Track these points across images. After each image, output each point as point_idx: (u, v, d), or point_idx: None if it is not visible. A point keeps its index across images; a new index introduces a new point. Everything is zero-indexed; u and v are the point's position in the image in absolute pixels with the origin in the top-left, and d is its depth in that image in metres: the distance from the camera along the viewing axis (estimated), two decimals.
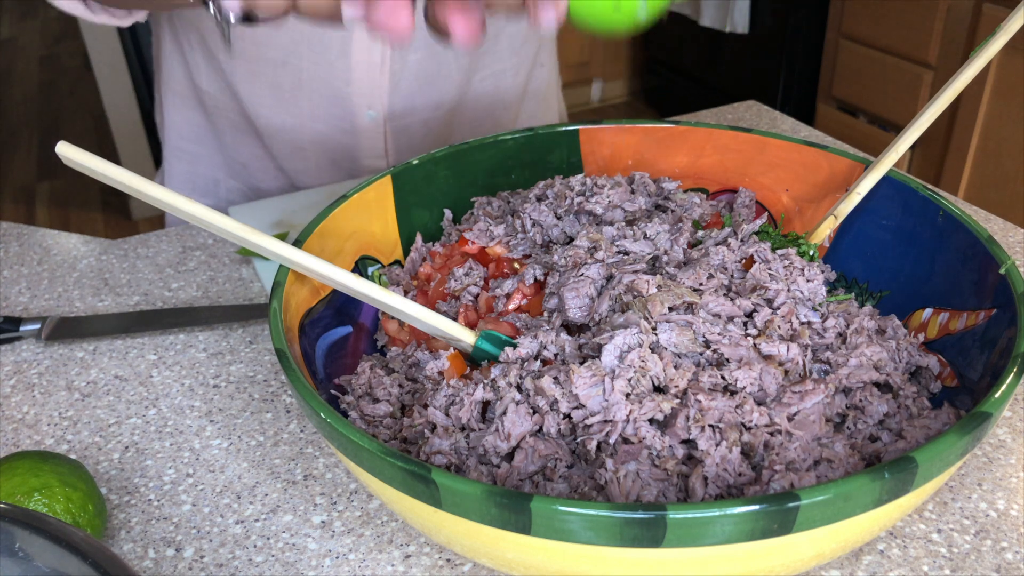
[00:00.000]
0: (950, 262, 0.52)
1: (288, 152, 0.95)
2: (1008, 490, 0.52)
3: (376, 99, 0.89)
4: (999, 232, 0.77)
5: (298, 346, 0.47)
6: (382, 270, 0.59)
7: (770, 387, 0.44)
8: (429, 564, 0.48)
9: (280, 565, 0.49)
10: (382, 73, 0.88)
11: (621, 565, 0.36)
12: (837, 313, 0.50)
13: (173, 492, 0.54)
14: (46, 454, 0.48)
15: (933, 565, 0.47)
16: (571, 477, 0.42)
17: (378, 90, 0.89)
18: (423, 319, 0.49)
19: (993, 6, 1.83)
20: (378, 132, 0.94)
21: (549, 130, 0.65)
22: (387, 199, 0.60)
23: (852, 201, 0.56)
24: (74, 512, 0.46)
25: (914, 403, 0.47)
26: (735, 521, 0.33)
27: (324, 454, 0.56)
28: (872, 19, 2.14)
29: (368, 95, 0.89)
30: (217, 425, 0.59)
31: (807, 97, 2.52)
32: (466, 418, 0.45)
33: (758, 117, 1.03)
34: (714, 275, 0.49)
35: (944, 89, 0.55)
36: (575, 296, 0.49)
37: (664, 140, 0.65)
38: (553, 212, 0.58)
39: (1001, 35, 0.55)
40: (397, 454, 0.37)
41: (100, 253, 0.80)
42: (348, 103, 0.90)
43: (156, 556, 0.49)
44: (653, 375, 0.43)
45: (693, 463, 0.41)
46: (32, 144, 3.27)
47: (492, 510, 0.35)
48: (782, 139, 0.62)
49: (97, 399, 0.62)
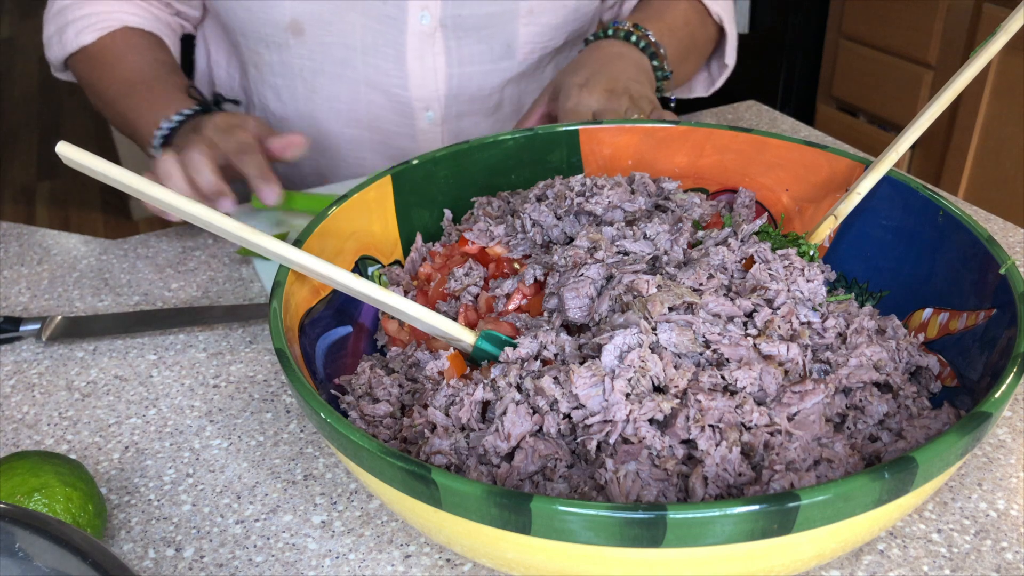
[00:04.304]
0: (950, 262, 0.52)
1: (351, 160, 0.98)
2: (1008, 490, 0.52)
3: (434, 101, 0.94)
4: (999, 232, 0.77)
5: (298, 346, 0.47)
6: (382, 270, 0.59)
7: (770, 387, 0.44)
8: (429, 564, 0.48)
9: (280, 565, 0.49)
10: (437, 79, 0.92)
11: (621, 565, 0.36)
12: (837, 313, 0.50)
13: (173, 492, 0.54)
14: (46, 454, 0.48)
15: (933, 565, 0.47)
16: (571, 477, 0.42)
17: (435, 93, 0.93)
18: (423, 319, 0.49)
19: (993, 6, 1.83)
20: (436, 132, 0.97)
21: (549, 130, 0.65)
22: (387, 199, 0.60)
23: (852, 201, 0.56)
24: (74, 512, 0.46)
25: (914, 403, 0.47)
26: (735, 521, 0.33)
27: (324, 454, 0.56)
28: (872, 19, 2.14)
29: (426, 98, 0.93)
30: (217, 425, 0.59)
31: (807, 97, 2.52)
32: (466, 418, 0.45)
33: (758, 117, 1.03)
34: (714, 275, 0.49)
35: (944, 89, 0.55)
36: (575, 296, 0.49)
37: (664, 140, 0.65)
38: (553, 212, 0.57)
39: (1001, 35, 0.55)
40: (397, 454, 0.37)
41: (100, 253, 0.80)
42: (407, 106, 0.94)
43: (156, 556, 0.49)
44: (653, 375, 0.43)
45: (693, 463, 0.41)
46: (32, 144, 3.27)
47: (492, 510, 0.35)
48: (782, 139, 0.62)
49: (97, 399, 0.62)
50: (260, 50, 0.94)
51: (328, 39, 0.90)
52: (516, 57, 0.95)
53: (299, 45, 0.91)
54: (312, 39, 0.90)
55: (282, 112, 0.98)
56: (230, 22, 0.93)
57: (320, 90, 0.94)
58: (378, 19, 0.89)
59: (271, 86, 0.96)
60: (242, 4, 0.89)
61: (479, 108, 0.98)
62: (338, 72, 0.92)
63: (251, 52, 0.95)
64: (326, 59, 0.92)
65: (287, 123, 0.99)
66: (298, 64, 0.93)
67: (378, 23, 0.89)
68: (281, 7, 0.88)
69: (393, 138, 0.97)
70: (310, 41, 0.90)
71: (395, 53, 0.90)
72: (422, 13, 0.89)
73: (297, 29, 0.90)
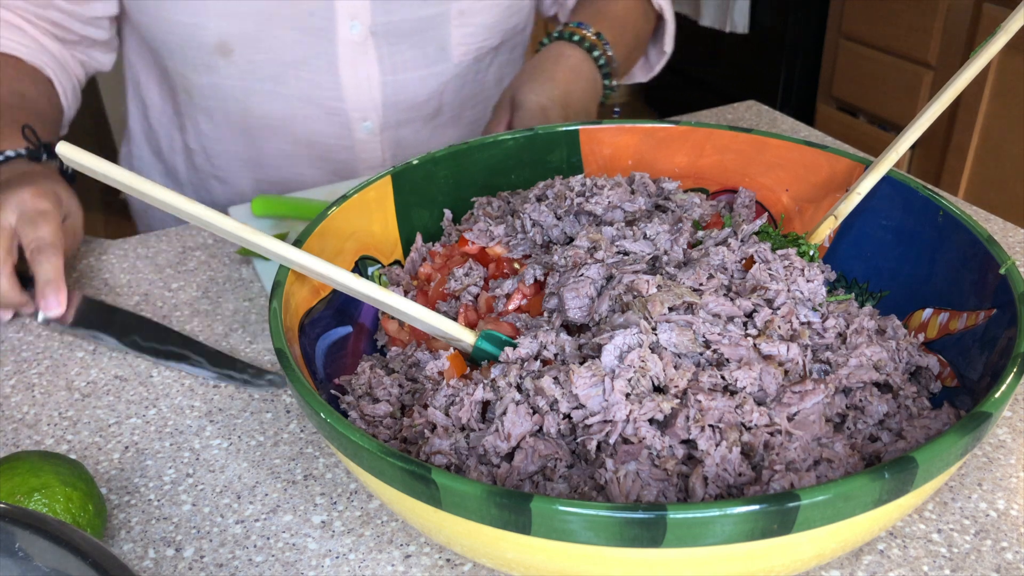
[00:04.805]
0: (950, 262, 0.52)
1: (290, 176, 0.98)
2: (1008, 490, 0.52)
3: (371, 111, 0.92)
4: (999, 232, 0.77)
5: (298, 346, 0.47)
6: (382, 270, 0.59)
7: (770, 387, 0.44)
8: (429, 564, 0.48)
9: (280, 565, 0.49)
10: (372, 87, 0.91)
11: (621, 565, 0.36)
12: (837, 313, 0.50)
13: (173, 492, 0.54)
14: (46, 454, 0.48)
15: (933, 565, 0.47)
16: (571, 477, 0.42)
17: (371, 102, 0.91)
18: (423, 319, 0.49)
19: (993, 6, 1.83)
20: (375, 142, 0.96)
21: (549, 130, 0.65)
22: (387, 199, 0.60)
23: (852, 201, 0.56)
24: (74, 512, 0.46)
25: (914, 403, 0.47)
26: (735, 521, 0.33)
27: (324, 454, 0.56)
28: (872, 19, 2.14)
29: (362, 108, 0.92)
30: (217, 425, 0.59)
31: (807, 97, 2.52)
32: (466, 418, 0.45)
33: (758, 117, 1.03)
34: (714, 275, 0.49)
35: (944, 89, 0.55)
36: (575, 296, 0.49)
37: (664, 140, 0.65)
38: (553, 212, 0.58)
39: (1001, 35, 0.55)
40: (397, 454, 0.37)
41: (100, 253, 0.80)
42: (344, 118, 0.92)
43: (156, 556, 0.49)
44: (653, 375, 0.43)
45: (693, 463, 0.41)
46: None
47: (492, 510, 0.35)
48: (782, 139, 0.62)
49: (97, 399, 0.62)
50: (189, 74, 0.92)
51: (258, 57, 0.88)
52: (451, 60, 0.94)
53: (229, 66, 0.89)
54: (241, 58, 0.88)
55: (216, 135, 0.96)
56: (158, 48, 0.91)
57: (254, 109, 0.92)
58: (307, 31, 0.87)
59: (203, 110, 0.94)
60: (167, 29, 0.87)
61: (418, 115, 0.96)
62: (271, 89, 0.91)
63: (180, 77, 0.93)
64: (257, 77, 0.90)
65: (221, 144, 0.97)
66: (229, 85, 0.91)
67: (307, 36, 0.87)
68: (206, 29, 0.86)
69: (331, 151, 0.95)
70: (240, 61, 0.88)
71: (327, 65, 0.89)
72: (352, 23, 0.87)
73: (225, 50, 0.87)
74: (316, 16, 0.86)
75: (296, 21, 0.86)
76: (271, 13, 0.85)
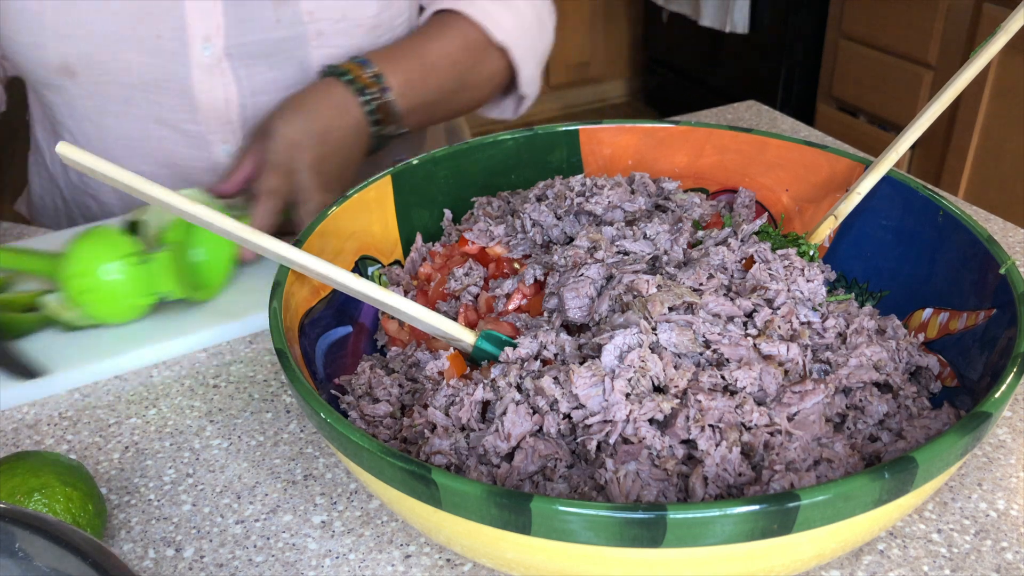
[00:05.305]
0: (950, 262, 0.52)
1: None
2: (1008, 490, 0.52)
3: (229, 134, 0.88)
4: (999, 232, 0.77)
5: (298, 346, 0.47)
6: (382, 270, 0.59)
7: (770, 387, 0.44)
8: (429, 564, 0.48)
9: (280, 565, 0.49)
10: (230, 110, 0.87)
11: (621, 565, 0.36)
12: (837, 313, 0.50)
13: (173, 492, 0.54)
14: (46, 454, 0.48)
15: (933, 565, 0.47)
16: (571, 477, 0.42)
17: (228, 125, 0.88)
18: (423, 319, 0.49)
19: (993, 6, 1.83)
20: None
21: (549, 130, 0.65)
22: (387, 199, 0.60)
23: (852, 201, 0.56)
24: (74, 512, 0.46)
25: (914, 403, 0.47)
26: (735, 521, 0.33)
27: (324, 454, 0.56)
28: (872, 19, 2.14)
29: (220, 131, 0.88)
30: (217, 425, 0.59)
31: (807, 97, 2.52)
32: (466, 418, 0.45)
33: (758, 117, 1.03)
34: (714, 275, 0.49)
35: (944, 89, 0.55)
36: (575, 296, 0.49)
37: (664, 140, 0.65)
38: (553, 212, 0.58)
39: (1001, 35, 0.55)
40: (397, 454, 0.37)
41: None
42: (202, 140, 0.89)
43: (156, 556, 0.49)
44: (653, 375, 0.43)
45: (693, 463, 0.41)
46: None
47: (492, 510, 0.35)
48: (782, 139, 0.62)
49: (97, 399, 0.62)
50: (43, 92, 0.89)
51: (104, 78, 0.84)
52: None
53: (76, 87, 0.85)
54: (87, 80, 0.84)
55: None
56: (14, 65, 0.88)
57: (109, 129, 0.89)
58: (157, 55, 0.83)
59: (64, 127, 0.91)
60: (12, 49, 0.84)
61: None
62: (123, 111, 0.87)
63: (39, 95, 0.91)
64: (107, 99, 0.86)
65: None
66: (81, 104, 0.87)
67: (158, 59, 0.83)
68: (46, 49, 0.82)
69: (191, 173, 0.91)
70: (85, 82, 0.85)
71: (180, 88, 0.85)
72: (204, 45, 0.83)
73: (69, 71, 0.84)
74: (165, 39, 0.82)
75: (144, 44, 0.82)
76: (116, 36, 0.82)
